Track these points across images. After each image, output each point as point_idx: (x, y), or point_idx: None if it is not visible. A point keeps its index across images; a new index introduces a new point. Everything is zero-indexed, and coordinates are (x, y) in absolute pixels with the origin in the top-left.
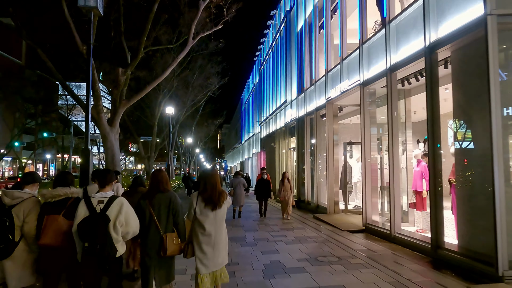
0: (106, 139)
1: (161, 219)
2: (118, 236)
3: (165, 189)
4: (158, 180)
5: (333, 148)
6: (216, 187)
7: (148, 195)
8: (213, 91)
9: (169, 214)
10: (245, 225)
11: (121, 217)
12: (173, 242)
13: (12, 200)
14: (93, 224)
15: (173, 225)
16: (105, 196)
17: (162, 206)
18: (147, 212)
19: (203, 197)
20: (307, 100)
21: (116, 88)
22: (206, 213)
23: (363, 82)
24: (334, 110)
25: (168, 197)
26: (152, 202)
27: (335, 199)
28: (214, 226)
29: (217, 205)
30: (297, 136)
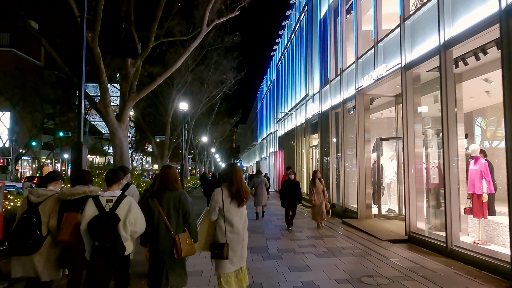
0: (114, 135)
1: (171, 219)
2: (127, 235)
3: (175, 187)
4: (167, 177)
5: (364, 145)
6: (242, 182)
7: (157, 193)
8: (229, 87)
9: (179, 214)
10: (266, 232)
11: (130, 216)
12: (186, 242)
13: (38, 197)
14: (102, 223)
15: (184, 225)
16: (113, 195)
17: (171, 205)
18: (156, 211)
19: (230, 192)
20: (332, 92)
21: (125, 81)
22: (234, 209)
23: (405, 66)
24: (366, 101)
25: (178, 196)
26: (161, 201)
27: (367, 202)
28: (242, 223)
29: (243, 201)
30: (320, 133)
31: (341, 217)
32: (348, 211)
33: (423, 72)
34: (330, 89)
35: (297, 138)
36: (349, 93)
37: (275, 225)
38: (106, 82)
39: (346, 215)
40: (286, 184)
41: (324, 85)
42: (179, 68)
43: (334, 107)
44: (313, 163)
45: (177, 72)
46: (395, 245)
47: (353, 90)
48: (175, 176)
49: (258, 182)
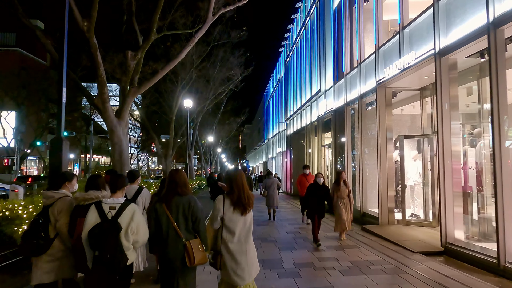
0: (113, 133)
1: (180, 226)
2: (129, 244)
3: (184, 191)
4: (176, 181)
5: (386, 143)
6: (244, 188)
7: (165, 198)
8: (235, 85)
9: (188, 221)
10: (278, 240)
11: (133, 225)
12: (199, 249)
13: (47, 200)
14: (103, 232)
15: (194, 231)
16: (116, 202)
17: (180, 211)
18: (164, 217)
19: (231, 200)
20: (348, 87)
21: (125, 75)
22: (236, 218)
23: (440, 51)
24: (388, 95)
25: (187, 201)
26: (169, 206)
27: (389, 206)
28: (245, 232)
29: (247, 209)
30: (333, 131)
31: (359, 223)
32: (367, 216)
33: (460, 58)
34: (345, 84)
35: (307, 137)
36: (368, 86)
37: (288, 232)
38: (104, 76)
39: (365, 221)
40: (313, 189)
41: (338, 79)
42: (184, 65)
43: (350, 102)
44: (325, 163)
45: (182, 69)
46: (430, 258)
47: (373, 83)
48: (184, 180)
49: (270, 183)
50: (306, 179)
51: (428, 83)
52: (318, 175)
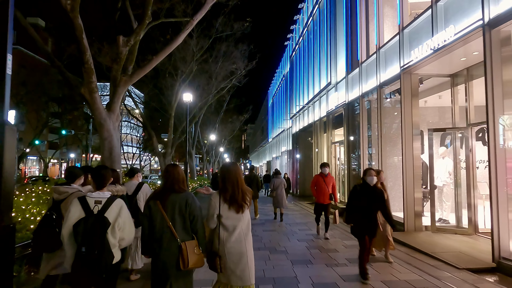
0: (102, 127)
1: (176, 225)
2: (116, 241)
3: (181, 188)
4: (173, 177)
5: (412, 138)
6: (239, 184)
7: (160, 195)
8: (238, 79)
9: (185, 220)
10: (289, 250)
11: (120, 220)
12: (194, 251)
13: (60, 195)
14: (89, 227)
15: (191, 232)
16: (102, 196)
17: (176, 209)
18: (159, 216)
19: (224, 197)
20: (364, 76)
21: (116, 63)
22: (232, 216)
23: (490, 22)
24: (414, 83)
25: (184, 198)
26: (164, 204)
27: (416, 210)
28: (245, 230)
29: (243, 206)
30: (346, 126)
31: None
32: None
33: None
34: (361, 73)
35: (315, 135)
36: (390, 74)
37: (300, 240)
38: (91, 63)
39: None
40: (361, 194)
41: (352, 69)
42: (184, 59)
43: (366, 93)
44: (336, 162)
45: (182, 63)
46: (481, 277)
47: (396, 69)
48: (181, 176)
49: (278, 183)
50: (324, 181)
51: (462, 68)
52: (369, 172)
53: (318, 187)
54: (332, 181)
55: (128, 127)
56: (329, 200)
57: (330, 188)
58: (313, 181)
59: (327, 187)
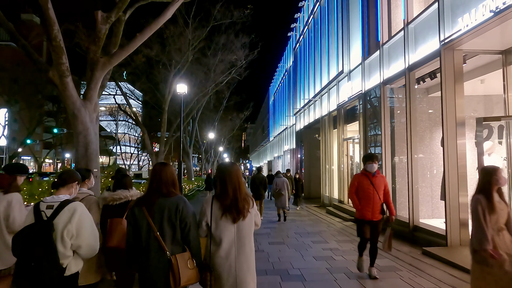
0: (76, 118)
1: (166, 235)
2: (66, 251)
3: (170, 191)
4: (160, 177)
5: (455, 131)
6: (239, 189)
7: (146, 200)
8: (239, 72)
9: (176, 228)
10: (305, 273)
11: (70, 227)
12: (187, 265)
13: None
14: (33, 235)
15: (184, 242)
16: (56, 200)
17: (165, 216)
18: (144, 224)
19: (220, 204)
20: (385, 60)
21: (94, 43)
22: (225, 226)
23: None
24: (457, 61)
25: (175, 203)
26: (151, 210)
27: (462, 218)
28: (237, 246)
29: (240, 215)
30: (362, 119)
31: (410, 241)
32: (421, 231)
33: None
34: (382, 57)
35: (322, 131)
36: (423, 52)
37: (317, 257)
38: (60, 40)
39: (418, 238)
40: None
41: (369, 54)
42: (180, 49)
43: (390, 80)
44: (348, 160)
45: (177, 54)
46: None
47: (433, 46)
48: (172, 176)
49: (280, 183)
50: (371, 183)
51: None
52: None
53: (362, 194)
54: (383, 183)
55: (126, 126)
56: (380, 215)
57: (382, 194)
58: (353, 183)
59: (377, 194)
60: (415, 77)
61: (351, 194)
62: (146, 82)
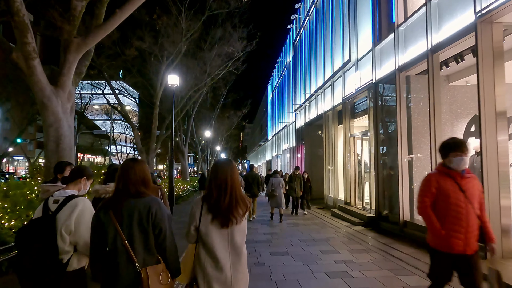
0: (46, 108)
1: (135, 243)
2: (65, 246)
3: (141, 192)
4: (128, 176)
5: (495, 125)
6: (233, 189)
7: (112, 202)
8: (236, 66)
9: (148, 235)
10: None
11: (69, 222)
12: (159, 280)
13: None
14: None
15: (158, 251)
16: (63, 195)
17: (135, 220)
18: (111, 231)
19: (211, 205)
20: (401, 43)
21: (69, 22)
22: (217, 232)
23: None
24: (496, 37)
25: (147, 205)
26: (119, 214)
27: (504, 224)
28: (230, 253)
29: (232, 219)
30: (373, 112)
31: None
32: None
33: None
34: (397, 40)
35: (326, 127)
36: (451, 29)
37: (330, 274)
38: (24, 15)
39: None
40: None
41: (381, 39)
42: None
43: (407, 65)
44: (356, 158)
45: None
46: None
47: (466, 19)
48: (142, 174)
49: (276, 183)
50: (460, 187)
51: None
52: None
53: (446, 207)
54: (478, 189)
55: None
56: (476, 244)
57: (477, 206)
58: (428, 189)
59: (472, 207)
60: (439, 61)
61: (425, 208)
62: (137, 76)
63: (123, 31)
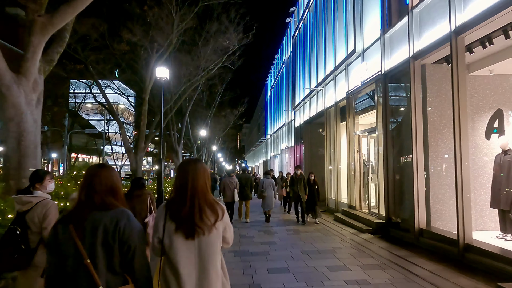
0: (5, 99)
1: (99, 262)
2: None
3: (108, 203)
4: (93, 185)
5: None
6: (195, 194)
7: (74, 215)
8: (231, 60)
9: (115, 253)
10: None
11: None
12: None
13: (23, 206)
14: None
15: (126, 272)
16: None
17: (99, 237)
18: (70, 247)
19: (170, 213)
20: (416, 28)
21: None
22: (181, 244)
23: None
24: None
25: (114, 219)
26: (80, 228)
27: None
28: (197, 269)
29: (198, 229)
30: (382, 107)
31: (459, 266)
32: (477, 252)
33: None
34: (411, 24)
35: (327, 125)
36: (482, 5)
37: None
38: None
39: (472, 262)
40: None
41: (391, 25)
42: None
43: (423, 52)
44: (360, 158)
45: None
46: None
47: None
48: (109, 182)
49: (267, 184)
50: None
51: None
52: None
53: None
54: None
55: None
56: None
57: None
58: None
59: None
60: (464, 44)
61: None
62: (127, 70)
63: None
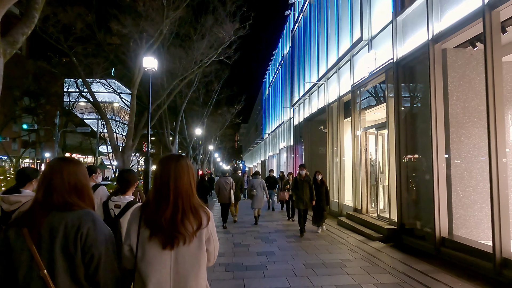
0: None
1: (58, 274)
2: None
3: (69, 203)
4: (52, 182)
5: None
6: (178, 195)
7: (28, 217)
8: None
9: (76, 261)
10: None
11: None
12: None
13: (10, 205)
14: None
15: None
16: (123, 200)
17: (58, 243)
18: (24, 255)
19: (145, 217)
20: (436, 7)
21: None
22: (154, 255)
23: None
24: None
25: (76, 222)
26: (36, 233)
27: None
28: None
29: (178, 236)
30: (395, 99)
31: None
32: None
33: None
34: (430, 3)
35: (329, 122)
36: None
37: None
38: None
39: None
40: None
41: (404, 7)
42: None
43: (446, 33)
44: (367, 157)
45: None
46: None
47: None
48: (73, 179)
49: (257, 184)
50: None
51: None
52: None
53: None
54: None
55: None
56: None
57: None
58: None
59: None
60: (500, 20)
61: None
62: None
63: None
